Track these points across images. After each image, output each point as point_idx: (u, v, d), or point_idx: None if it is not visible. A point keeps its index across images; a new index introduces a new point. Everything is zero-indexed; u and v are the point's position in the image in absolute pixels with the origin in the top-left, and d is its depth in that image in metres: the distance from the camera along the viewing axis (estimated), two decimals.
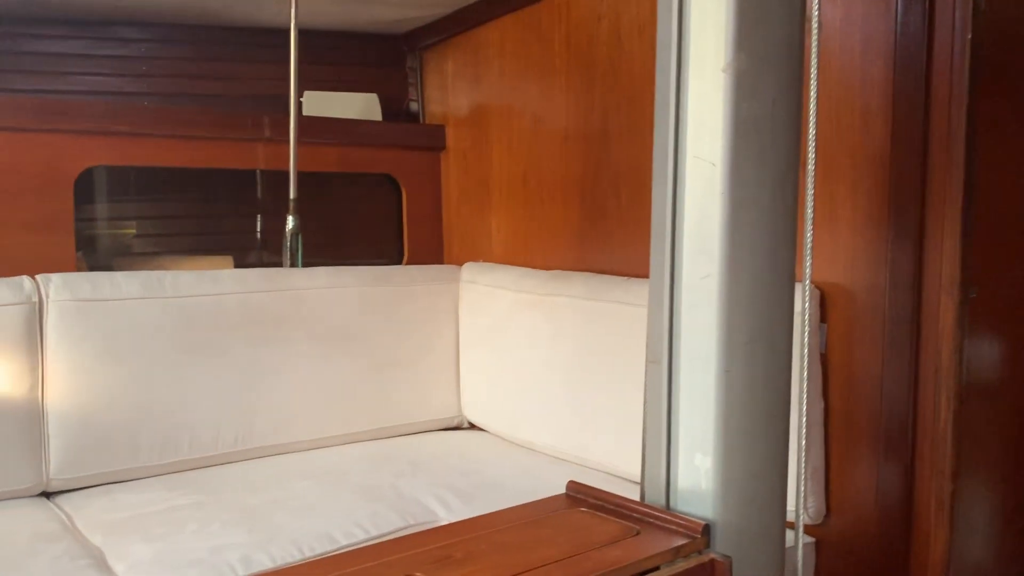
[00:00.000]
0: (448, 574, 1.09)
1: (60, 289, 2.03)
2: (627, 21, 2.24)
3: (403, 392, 2.57)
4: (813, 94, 1.32)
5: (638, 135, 2.22)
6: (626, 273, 2.26)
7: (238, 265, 2.62)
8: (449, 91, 2.90)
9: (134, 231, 2.61)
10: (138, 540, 1.77)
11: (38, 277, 2.04)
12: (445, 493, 2.04)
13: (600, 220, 2.37)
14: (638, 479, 1.74)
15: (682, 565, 1.17)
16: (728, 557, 1.20)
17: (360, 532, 1.85)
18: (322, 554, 1.76)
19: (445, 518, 1.94)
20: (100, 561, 1.68)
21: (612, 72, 2.29)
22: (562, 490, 2.03)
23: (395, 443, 2.48)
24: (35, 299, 2.00)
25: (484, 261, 2.74)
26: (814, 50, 1.32)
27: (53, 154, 2.19)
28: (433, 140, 2.90)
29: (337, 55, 2.88)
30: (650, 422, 1.35)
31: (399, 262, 2.91)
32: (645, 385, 1.37)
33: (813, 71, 1.33)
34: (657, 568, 1.16)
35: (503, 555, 1.15)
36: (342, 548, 1.80)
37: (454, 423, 2.68)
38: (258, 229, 2.83)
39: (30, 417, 1.99)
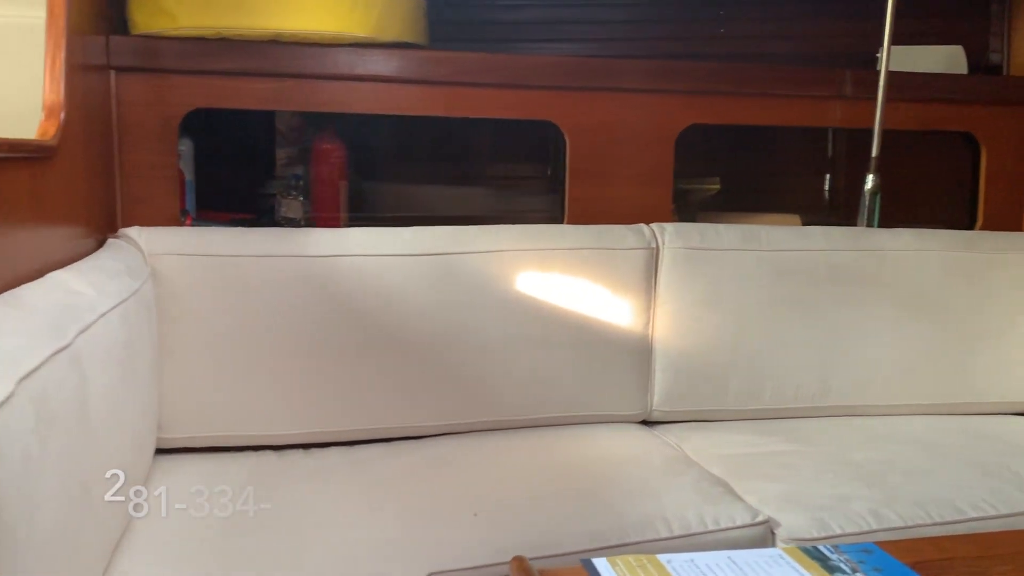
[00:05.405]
0: None
1: (674, 237, 2.20)
2: None
3: (980, 368, 2.37)
4: None
5: None
6: None
7: (805, 224, 2.60)
8: None
9: (718, 186, 2.74)
10: (757, 477, 1.85)
11: (652, 225, 2.23)
12: None
13: None
14: None
15: None
16: None
17: (987, 507, 1.73)
18: (951, 522, 1.70)
19: None
20: (730, 491, 1.79)
21: None
22: None
23: (975, 420, 2.30)
24: (653, 245, 2.19)
25: None
26: None
27: (660, 113, 2.36)
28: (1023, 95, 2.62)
29: (914, 7, 2.70)
30: None
31: (966, 227, 2.69)
32: None
33: None
34: None
35: None
36: (970, 519, 1.71)
37: None
38: (826, 188, 2.81)
39: (641, 351, 2.19)
